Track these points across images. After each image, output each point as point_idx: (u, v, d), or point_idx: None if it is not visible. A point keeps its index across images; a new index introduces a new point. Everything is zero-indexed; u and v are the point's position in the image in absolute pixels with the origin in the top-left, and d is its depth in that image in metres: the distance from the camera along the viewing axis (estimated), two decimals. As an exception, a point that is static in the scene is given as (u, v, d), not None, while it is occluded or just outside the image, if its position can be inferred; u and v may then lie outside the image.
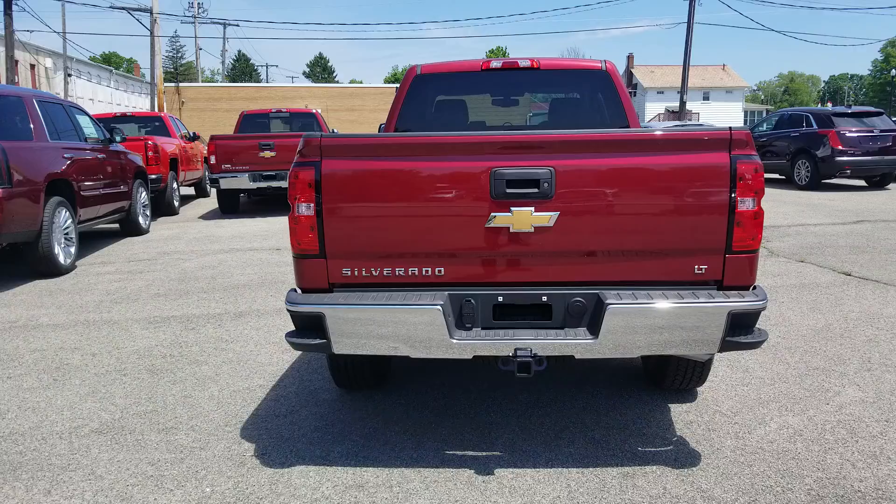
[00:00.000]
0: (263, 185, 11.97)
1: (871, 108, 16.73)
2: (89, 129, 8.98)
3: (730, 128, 2.78)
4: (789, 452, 3.13)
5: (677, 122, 23.65)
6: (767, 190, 14.80)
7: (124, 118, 14.36)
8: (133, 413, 3.72)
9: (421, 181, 2.83)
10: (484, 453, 3.17)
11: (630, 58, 70.45)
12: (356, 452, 3.20)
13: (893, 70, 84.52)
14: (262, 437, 3.39)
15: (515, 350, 2.74)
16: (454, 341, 2.76)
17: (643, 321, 2.72)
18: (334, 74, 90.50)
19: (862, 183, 15.97)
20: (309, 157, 2.82)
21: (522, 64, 4.94)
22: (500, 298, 2.87)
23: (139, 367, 4.46)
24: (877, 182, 15.53)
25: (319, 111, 15.97)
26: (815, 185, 15.11)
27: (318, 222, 2.82)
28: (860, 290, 6.10)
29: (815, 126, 15.36)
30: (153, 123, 14.25)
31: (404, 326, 2.76)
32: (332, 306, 2.76)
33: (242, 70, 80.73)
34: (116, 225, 10.11)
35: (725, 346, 2.76)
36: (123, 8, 31.08)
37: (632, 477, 2.93)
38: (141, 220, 10.22)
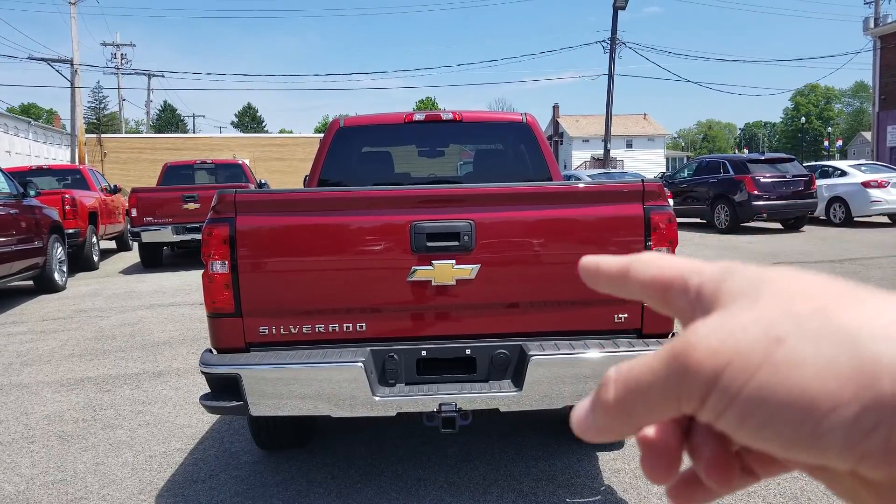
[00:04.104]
0: (187, 237, 11.65)
1: (784, 154, 17.62)
2: (0, 184, 8.63)
3: (642, 179, 2.86)
4: (714, 497, 3.14)
5: (601, 171, 24.36)
6: (692, 234, 15.24)
7: (41, 171, 13.82)
8: (40, 484, 3.49)
9: (339, 236, 2.79)
10: (411, 512, 3.08)
11: (556, 108, 72.61)
12: (278, 518, 3.07)
13: (803, 118, 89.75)
14: (178, 505, 3.22)
15: (440, 405, 2.70)
16: (377, 399, 2.70)
17: (565, 371, 2.72)
18: (264, 124, 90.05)
19: (778, 225, 16.68)
20: (223, 214, 2.75)
21: (445, 117, 4.99)
22: (424, 353, 2.83)
23: (48, 433, 4.20)
24: (792, 224, 16.22)
25: (246, 161, 15.78)
26: (734, 228, 15.72)
27: (233, 280, 2.74)
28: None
29: (731, 172, 16.04)
30: (72, 176, 13.77)
31: (325, 385, 2.69)
32: (249, 367, 2.67)
33: (168, 121, 79.47)
34: (31, 282, 9.65)
35: (647, 394, 2.78)
36: (43, 59, 30.24)
37: (560, 530, 2.90)
38: (57, 276, 9.79)
